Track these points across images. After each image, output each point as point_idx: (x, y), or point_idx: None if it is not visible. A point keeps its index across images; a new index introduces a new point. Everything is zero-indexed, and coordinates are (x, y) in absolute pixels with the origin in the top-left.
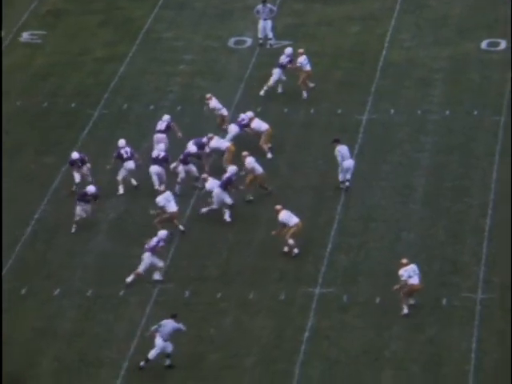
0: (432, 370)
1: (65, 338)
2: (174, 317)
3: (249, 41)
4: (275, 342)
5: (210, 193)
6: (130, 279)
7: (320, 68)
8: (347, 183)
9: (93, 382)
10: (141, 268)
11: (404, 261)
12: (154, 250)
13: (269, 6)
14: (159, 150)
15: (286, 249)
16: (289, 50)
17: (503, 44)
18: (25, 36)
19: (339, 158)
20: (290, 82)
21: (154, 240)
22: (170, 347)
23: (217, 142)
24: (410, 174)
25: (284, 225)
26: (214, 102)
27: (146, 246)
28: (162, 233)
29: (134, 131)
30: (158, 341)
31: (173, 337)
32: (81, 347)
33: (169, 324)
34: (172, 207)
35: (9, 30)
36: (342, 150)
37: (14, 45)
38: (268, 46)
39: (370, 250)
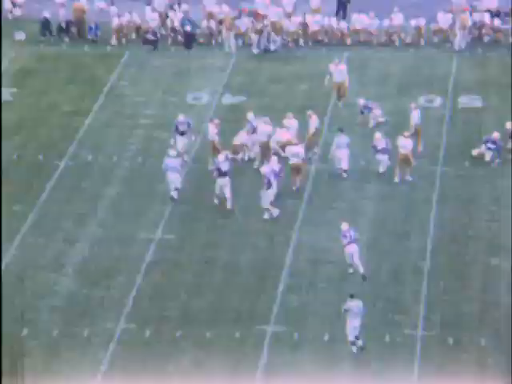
0: None
1: (32, 376)
2: None
3: (205, 97)
4: (230, 378)
5: None
6: None
7: (272, 122)
8: (344, 174)
9: None
10: None
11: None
12: None
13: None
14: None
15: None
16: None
17: (438, 100)
18: None
19: (333, 147)
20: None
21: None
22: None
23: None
24: (355, 219)
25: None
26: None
27: None
28: None
29: (98, 181)
30: None
31: None
32: None
33: None
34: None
35: None
36: (338, 139)
37: None
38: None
39: (319, 291)
